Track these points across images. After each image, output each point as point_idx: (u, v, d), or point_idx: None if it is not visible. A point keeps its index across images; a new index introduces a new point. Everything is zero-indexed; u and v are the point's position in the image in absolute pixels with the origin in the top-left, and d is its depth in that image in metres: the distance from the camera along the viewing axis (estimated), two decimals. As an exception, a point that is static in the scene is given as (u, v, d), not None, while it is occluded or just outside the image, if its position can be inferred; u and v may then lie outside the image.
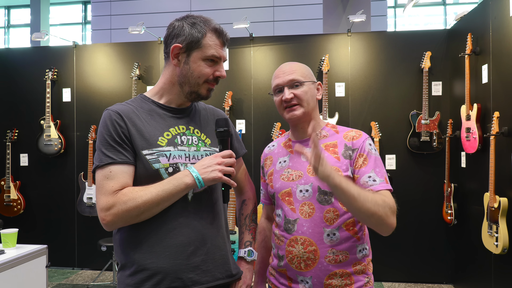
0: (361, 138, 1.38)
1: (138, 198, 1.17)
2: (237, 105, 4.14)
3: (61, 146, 4.28)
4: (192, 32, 1.27)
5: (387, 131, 3.93)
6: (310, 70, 1.47)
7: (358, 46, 4.02)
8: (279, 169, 1.46)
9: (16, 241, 2.38)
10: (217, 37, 1.30)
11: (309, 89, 1.40)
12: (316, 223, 1.32)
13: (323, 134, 1.43)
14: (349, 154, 1.35)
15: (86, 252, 4.33)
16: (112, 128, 1.24)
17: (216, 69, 1.31)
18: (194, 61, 1.28)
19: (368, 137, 1.40)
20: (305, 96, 1.39)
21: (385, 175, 1.33)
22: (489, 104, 3.08)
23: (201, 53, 1.28)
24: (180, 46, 1.28)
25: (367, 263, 1.38)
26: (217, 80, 1.33)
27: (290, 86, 1.39)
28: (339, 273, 1.32)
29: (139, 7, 8.22)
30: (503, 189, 2.81)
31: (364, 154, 1.35)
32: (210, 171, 1.22)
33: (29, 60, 4.49)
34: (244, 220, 1.52)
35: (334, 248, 1.32)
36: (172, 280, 1.23)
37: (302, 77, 1.40)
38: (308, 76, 1.43)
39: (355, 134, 1.40)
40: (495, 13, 3.01)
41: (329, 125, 1.47)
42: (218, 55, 1.29)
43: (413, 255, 3.91)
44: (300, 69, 1.42)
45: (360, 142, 1.37)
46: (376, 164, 1.33)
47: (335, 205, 1.33)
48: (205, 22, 1.30)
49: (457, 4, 8.94)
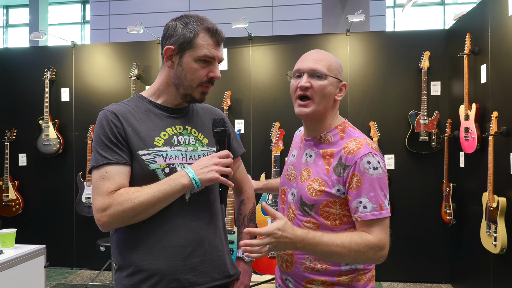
0: (358, 154, 1.19)
1: (134, 199, 1.17)
2: (236, 105, 4.14)
3: (60, 146, 4.27)
4: (184, 32, 1.25)
5: (386, 131, 3.93)
6: (340, 66, 1.30)
7: (356, 46, 4.02)
8: (288, 162, 1.44)
9: (15, 241, 2.37)
10: (210, 36, 1.26)
11: (329, 85, 1.25)
12: None
13: (327, 138, 1.29)
14: (340, 171, 1.21)
15: (85, 252, 4.32)
16: (108, 128, 1.23)
17: (210, 69, 1.27)
18: (187, 63, 1.26)
19: (369, 152, 1.20)
20: (321, 91, 1.23)
21: (381, 199, 1.18)
22: (487, 104, 3.08)
23: (193, 53, 1.25)
24: (173, 47, 1.26)
25: (355, 275, 1.27)
26: (212, 81, 1.29)
27: (310, 74, 1.25)
28: (319, 281, 1.27)
29: (138, 7, 8.21)
30: (502, 189, 2.82)
31: (358, 174, 1.18)
32: (207, 171, 1.20)
33: (27, 60, 4.48)
34: (242, 220, 1.51)
35: (311, 256, 1.26)
36: (169, 281, 1.22)
37: (327, 70, 1.25)
38: (334, 71, 1.27)
39: (354, 147, 1.22)
40: (493, 13, 3.01)
41: (340, 127, 1.30)
42: (211, 55, 1.26)
43: (411, 255, 3.91)
44: (328, 60, 1.27)
45: (355, 159, 1.19)
46: (371, 187, 1.18)
47: (316, 218, 1.25)
48: (198, 21, 1.27)
49: (456, 4, 8.94)
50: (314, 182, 1.26)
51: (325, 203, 1.24)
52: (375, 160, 1.20)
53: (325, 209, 1.24)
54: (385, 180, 1.22)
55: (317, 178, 1.26)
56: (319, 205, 1.24)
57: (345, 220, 1.25)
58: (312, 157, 1.31)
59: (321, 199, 1.23)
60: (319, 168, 1.27)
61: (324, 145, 1.29)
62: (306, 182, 1.28)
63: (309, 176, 1.28)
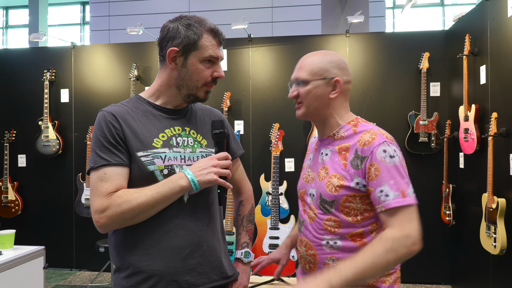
0: (373, 143, 1.20)
1: (133, 201, 1.17)
2: (235, 106, 4.13)
3: (59, 147, 4.27)
4: (188, 34, 1.26)
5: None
6: (328, 64, 1.30)
7: (356, 47, 4.02)
8: (305, 166, 1.45)
9: (14, 242, 2.37)
10: (214, 37, 1.28)
11: (314, 88, 1.29)
12: (317, 229, 1.29)
13: (340, 134, 1.31)
14: (357, 164, 1.22)
15: (84, 253, 4.32)
16: (106, 130, 1.23)
17: (214, 69, 1.29)
18: (192, 64, 1.27)
19: (384, 142, 1.21)
20: (306, 96, 1.30)
21: (403, 187, 1.17)
22: (487, 105, 3.08)
23: (199, 54, 1.26)
24: (177, 49, 1.26)
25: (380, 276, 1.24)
26: (215, 80, 1.31)
27: (296, 83, 1.32)
28: None
29: (138, 8, 8.21)
30: (501, 190, 2.81)
31: (375, 163, 1.18)
32: (205, 173, 1.20)
33: (27, 60, 4.47)
34: (241, 221, 1.52)
35: (334, 256, 1.26)
36: (167, 283, 1.22)
37: (309, 75, 1.29)
38: (319, 72, 1.29)
39: (368, 138, 1.22)
40: (493, 14, 3.01)
41: (352, 122, 1.32)
42: (216, 55, 1.28)
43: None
44: (310, 64, 1.31)
45: (370, 149, 1.20)
46: (390, 175, 1.17)
47: (336, 215, 1.25)
48: (200, 22, 1.28)
49: (455, 5, 8.95)
50: (332, 178, 1.25)
51: (345, 198, 1.23)
52: (391, 149, 1.20)
53: (345, 204, 1.23)
54: (404, 168, 1.20)
55: (335, 174, 1.25)
56: (339, 200, 1.23)
57: (366, 216, 1.23)
58: (328, 155, 1.31)
59: (341, 194, 1.23)
60: (336, 164, 1.27)
61: (338, 141, 1.30)
62: (324, 179, 1.28)
63: (327, 174, 1.28)
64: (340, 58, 1.33)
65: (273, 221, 3.65)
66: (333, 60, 1.32)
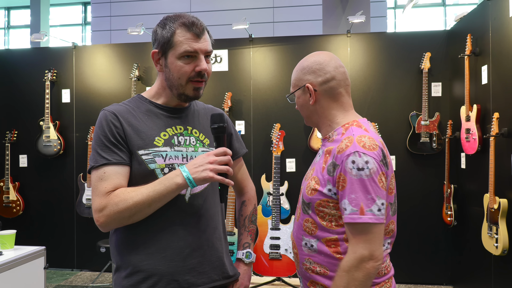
0: (345, 152, 1.14)
1: (129, 200, 1.16)
2: (236, 106, 4.13)
3: (60, 147, 4.27)
4: (163, 34, 1.25)
5: (387, 132, 3.92)
6: (297, 75, 1.31)
7: (357, 47, 4.02)
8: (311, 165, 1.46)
9: (14, 242, 2.37)
10: (187, 30, 1.24)
11: (297, 100, 1.34)
12: (298, 229, 1.30)
13: (333, 136, 1.27)
14: (331, 170, 1.18)
15: (85, 253, 4.32)
16: (107, 129, 1.23)
17: (196, 64, 1.25)
18: (171, 62, 1.25)
19: (356, 151, 1.13)
20: (300, 108, 1.35)
21: (362, 203, 1.10)
22: (488, 105, 3.07)
23: (175, 52, 1.24)
24: (157, 51, 1.27)
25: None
26: (201, 75, 1.26)
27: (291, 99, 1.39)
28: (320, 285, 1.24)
29: (139, 8, 8.22)
30: (503, 190, 2.81)
31: (343, 174, 1.14)
32: (201, 170, 1.17)
33: (28, 61, 4.48)
34: (243, 221, 1.51)
35: (311, 258, 1.25)
36: (168, 282, 1.22)
37: (292, 88, 1.35)
38: (295, 84, 1.33)
39: (343, 145, 1.17)
40: (494, 14, 3.01)
41: (346, 125, 1.26)
42: (191, 49, 1.23)
43: (412, 256, 3.90)
44: (293, 77, 1.34)
45: (342, 157, 1.15)
46: (352, 189, 1.11)
47: (313, 217, 1.23)
48: (174, 19, 1.26)
49: (457, 5, 8.94)
50: (311, 180, 1.25)
51: (319, 202, 1.21)
52: (362, 160, 1.12)
53: (319, 208, 1.22)
54: (374, 183, 1.11)
55: (315, 177, 1.25)
56: (314, 203, 1.22)
57: (341, 223, 1.19)
58: (320, 156, 1.31)
59: (315, 197, 1.22)
60: (318, 167, 1.26)
61: (328, 143, 1.27)
62: (308, 180, 1.28)
63: (311, 175, 1.28)
64: (315, 60, 1.29)
65: (274, 222, 3.65)
66: (306, 66, 1.29)
